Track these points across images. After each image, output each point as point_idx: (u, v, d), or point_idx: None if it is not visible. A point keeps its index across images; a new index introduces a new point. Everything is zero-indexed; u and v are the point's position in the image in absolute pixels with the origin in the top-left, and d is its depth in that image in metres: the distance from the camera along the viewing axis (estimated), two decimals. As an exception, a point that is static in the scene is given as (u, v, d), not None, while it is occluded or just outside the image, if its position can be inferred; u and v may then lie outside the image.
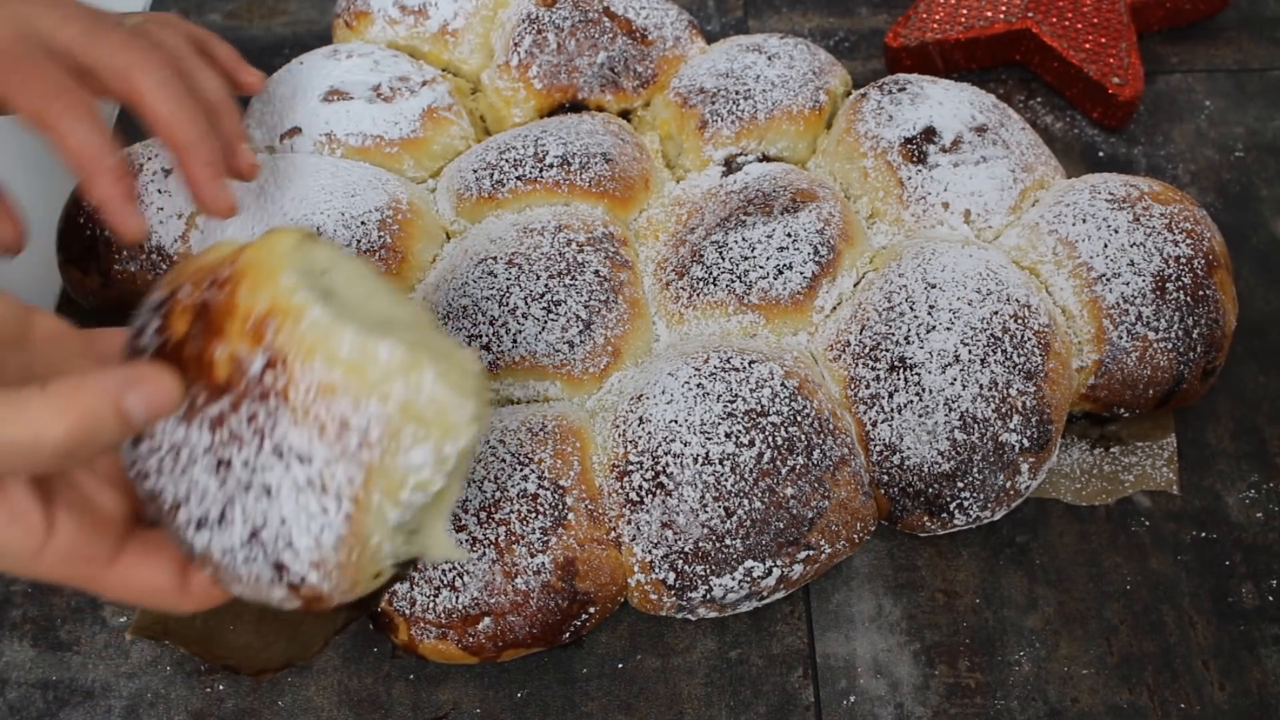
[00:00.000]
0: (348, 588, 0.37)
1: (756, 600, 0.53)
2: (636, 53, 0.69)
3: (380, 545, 0.36)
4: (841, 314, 0.58)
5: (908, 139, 0.62)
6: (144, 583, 0.38)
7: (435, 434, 0.35)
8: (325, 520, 0.35)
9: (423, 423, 0.35)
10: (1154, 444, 0.60)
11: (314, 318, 0.34)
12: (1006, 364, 0.54)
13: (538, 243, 0.58)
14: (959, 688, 0.53)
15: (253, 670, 0.54)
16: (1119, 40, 0.73)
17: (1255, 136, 0.73)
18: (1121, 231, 0.58)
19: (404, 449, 0.35)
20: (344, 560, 0.36)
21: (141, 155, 0.64)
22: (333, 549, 0.35)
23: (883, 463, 0.54)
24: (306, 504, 0.35)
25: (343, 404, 0.34)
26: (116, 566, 0.38)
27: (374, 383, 0.34)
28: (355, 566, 0.36)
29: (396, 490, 0.35)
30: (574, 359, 0.56)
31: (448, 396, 0.35)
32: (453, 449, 0.36)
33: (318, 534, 0.35)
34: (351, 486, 0.35)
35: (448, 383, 0.35)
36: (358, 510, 0.35)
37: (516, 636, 0.51)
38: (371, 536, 0.36)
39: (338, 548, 0.35)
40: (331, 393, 0.34)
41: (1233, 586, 0.56)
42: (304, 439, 0.34)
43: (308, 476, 0.34)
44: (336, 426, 0.34)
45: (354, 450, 0.34)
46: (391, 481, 0.35)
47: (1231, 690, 0.53)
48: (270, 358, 0.34)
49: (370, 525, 0.36)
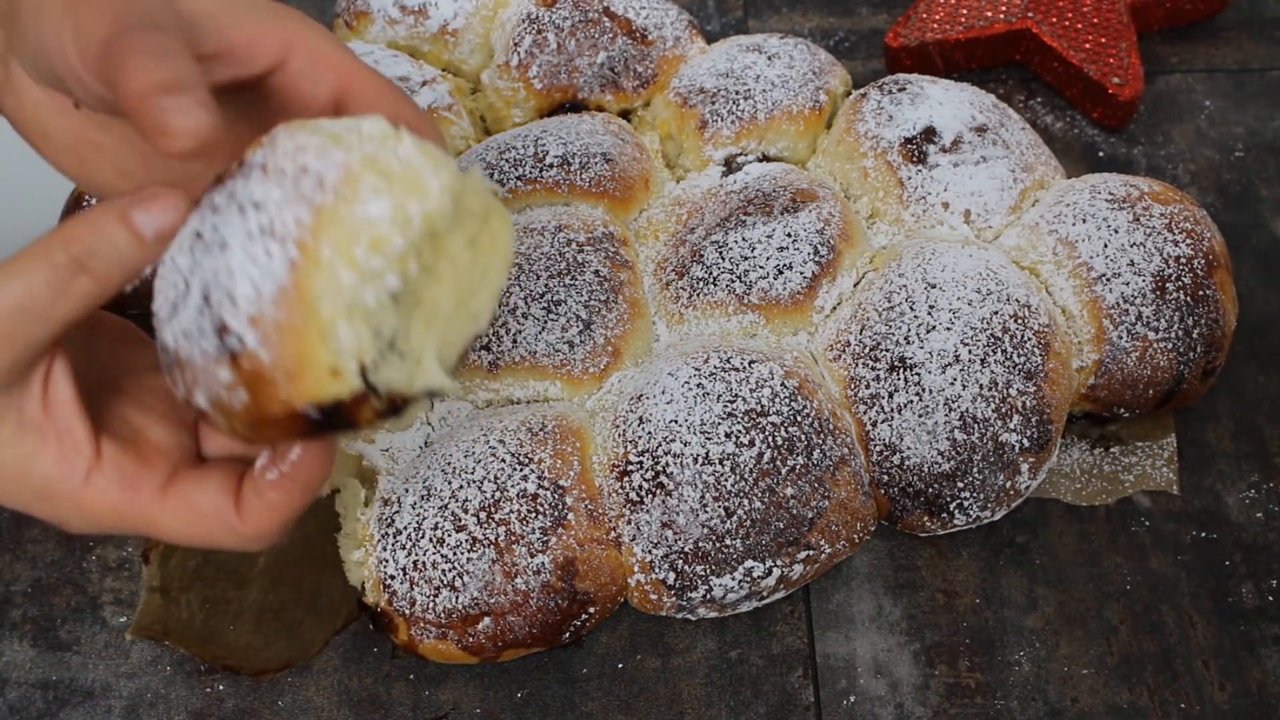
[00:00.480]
0: (292, 363, 0.32)
1: (756, 600, 0.53)
2: (636, 53, 0.69)
3: (334, 321, 0.32)
4: (841, 314, 0.58)
5: (908, 139, 0.62)
6: (195, 512, 0.38)
7: (399, 190, 0.32)
8: (269, 265, 0.32)
9: (387, 177, 0.32)
10: (1154, 444, 0.60)
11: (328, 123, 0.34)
12: (1006, 364, 0.54)
13: (538, 243, 0.58)
14: (959, 688, 0.53)
15: (253, 670, 0.54)
16: (1119, 40, 0.73)
17: (1255, 136, 0.73)
18: (1121, 231, 0.58)
19: (361, 198, 0.32)
20: (284, 320, 0.32)
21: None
22: (272, 301, 0.32)
23: (883, 463, 0.54)
24: (254, 252, 0.32)
25: (309, 154, 0.32)
26: (167, 499, 0.38)
27: (348, 143, 0.33)
28: (299, 334, 0.32)
29: (351, 245, 0.32)
30: (574, 359, 0.56)
31: (421, 160, 0.33)
32: (417, 209, 0.32)
33: (258, 282, 0.32)
34: (299, 229, 0.31)
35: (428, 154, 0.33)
36: (304, 259, 0.31)
37: (516, 636, 0.51)
38: (321, 300, 0.32)
39: (278, 301, 0.31)
40: (304, 150, 0.33)
41: (1233, 586, 0.56)
42: (265, 188, 0.32)
43: (259, 223, 0.32)
44: (295, 170, 0.32)
45: (308, 192, 0.32)
46: (345, 233, 0.32)
47: (1231, 690, 0.53)
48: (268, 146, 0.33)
49: (320, 286, 0.32)
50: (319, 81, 0.40)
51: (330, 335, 0.32)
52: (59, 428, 0.37)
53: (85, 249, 0.34)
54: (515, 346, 0.56)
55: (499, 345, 0.56)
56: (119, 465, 0.37)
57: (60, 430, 0.37)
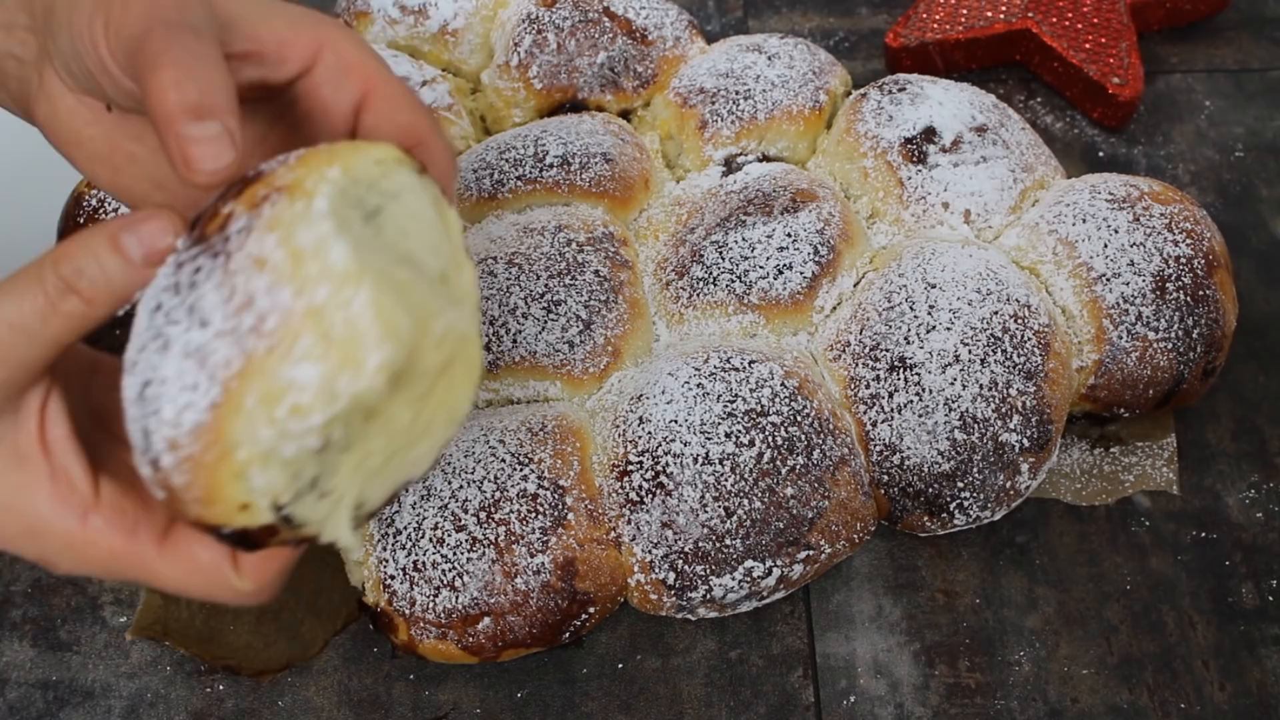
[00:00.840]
0: (201, 496, 0.32)
1: (756, 600, 0.53)
2: (636, 53, 0.69)
3: (248, 467, 0.32)
4: (841, 314, 0.58)
5: (908, 139, 0.62)
6: (194, 564, 0.37)
7: (333, 359, 0.31)
8: (192, 398, 0.31)
9: (326, 340, 0.31)
10: (1154, 444, 0.60)
11: (318, 208, 0.32)
12: (1006, 364, 0.54)
13: (538, 243, 0.58)
14: (959, 688, 0.53)
15: (253, 670, 0.54)
16: (1119, 40, 0.73)
17: (1255, 136, 0.73)
18: (1121, 231, 0.58)
19: (293, 357, 0.31)
20: (199, 456, 0.32)
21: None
22: (190, 434, 0.31)
23: (883, 463, 0.54)
24: (184, 372, 0.31)
25: (261, 281, 0.31)
26: (165, 548, 0.37)
27: (304, 276, 0.31)
28: (211, 474, 0.32)
29: (273, 403, 0.31)
30: (574, 359, 0.56)
31: (368, 325, 0.31)
32: (345, 387, 0.31)
33: (180, 410, 0.31)
34: (227, 370, 0.31)
35: (381, 315, 0.31)
36: (226, 402, 0.31)
37: (516, 636, 0.51)
38: (238, 448, 0.31)
39: (196, 435, 0.31)
40: (261, 267, 0.31)
41: (1233, 586, 0.56)
42: (212, 303, 0.31)
43: (197, 343, 0.31)
44: (242, 300, 0.31)
45: (244, 332, 0.31)
46: (269, 389, 0.31)
47: (1231, 690, 0.53)
48: (248, 224, 0.32)
49: (238, 432, 0.31)
50: (342, 88, 0.39)
51: (243, 477, 0.32)
52: (54, 464, 0.36)
53: (74, 269, 0.34)
54: (515, 346, 0.56)
55: (499, 345, 0.56)
56: (119, 508, 0.37)
57: (56, 467, 0.36)
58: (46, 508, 0.36)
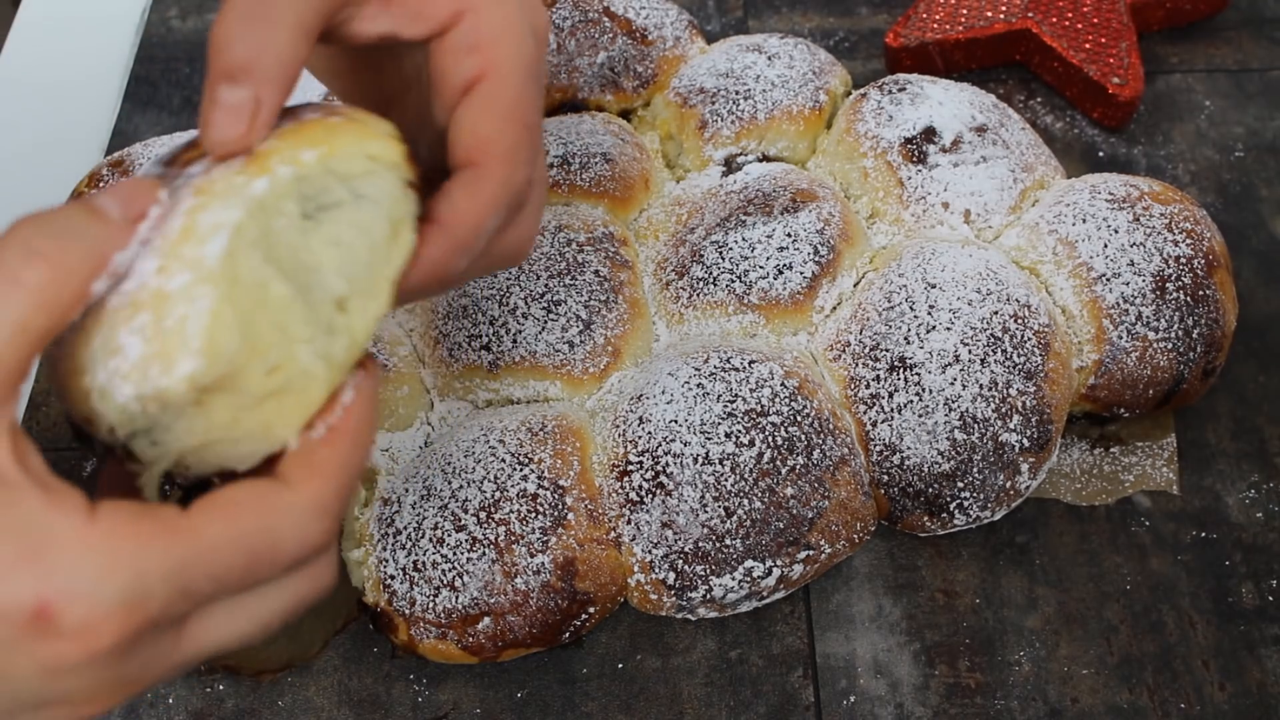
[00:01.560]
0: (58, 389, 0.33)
1: (756, 600, 0.53)
2: (636, 53, 0.69)
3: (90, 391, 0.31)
4: (841, 314, 0.58)
5: (908, 139, 0.62)
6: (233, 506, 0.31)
7: (154, 347, 0.30)
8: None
9: (157, 326, 0.30)
10: (1154, 444, 0.60)
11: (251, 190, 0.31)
12: (1006, 364, 0.54)
13: (537, 242, 0.58)
14: (959, 688, 0.53)
15: (253, 670, 0.54)
16: (1119, 40, 0.73)
17: (1255, 136, 0.73)
18: (1121, 231, 0.58)
19: (129, 326, 0.30)
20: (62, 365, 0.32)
21: (141, 155, 0.64)
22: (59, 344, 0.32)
23: (883, 463, 0.54)
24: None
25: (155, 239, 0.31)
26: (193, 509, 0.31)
27: (177, 255, 0.30)
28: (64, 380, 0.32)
29: (107, 354, 0.31)
30: (574, 359, 0.56)
31: (194, 334, 0.30)
32: (154, 378, 0.30)
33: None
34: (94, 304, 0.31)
35: (212, 328, 0.30)
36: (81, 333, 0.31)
37: (516, 636, 0.51)
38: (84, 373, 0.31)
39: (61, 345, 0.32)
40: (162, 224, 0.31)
41: (1233, 586, 0.56)
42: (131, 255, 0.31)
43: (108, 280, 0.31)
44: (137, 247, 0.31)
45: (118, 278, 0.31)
46: (107, 341, 0.31)
47: (1231, 690, 0.53)
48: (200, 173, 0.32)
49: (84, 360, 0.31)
50: (462, 64, 0.36)
51: (88, 396, 0.31)
52: (38, 479, 0.29)
53: (37, 229, 0.29)
54: (515, 346, 0.56)
55: (499, 345, 0.56)
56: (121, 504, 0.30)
57: (42, 479, 0.29)
58: (43, 515, 0.28)
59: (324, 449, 0.32)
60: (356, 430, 0.33)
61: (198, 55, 0.78)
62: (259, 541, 0.30)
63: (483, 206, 0.36)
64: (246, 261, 0.32)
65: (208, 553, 0.30)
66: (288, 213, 0.33)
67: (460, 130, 0.37)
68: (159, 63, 0.78)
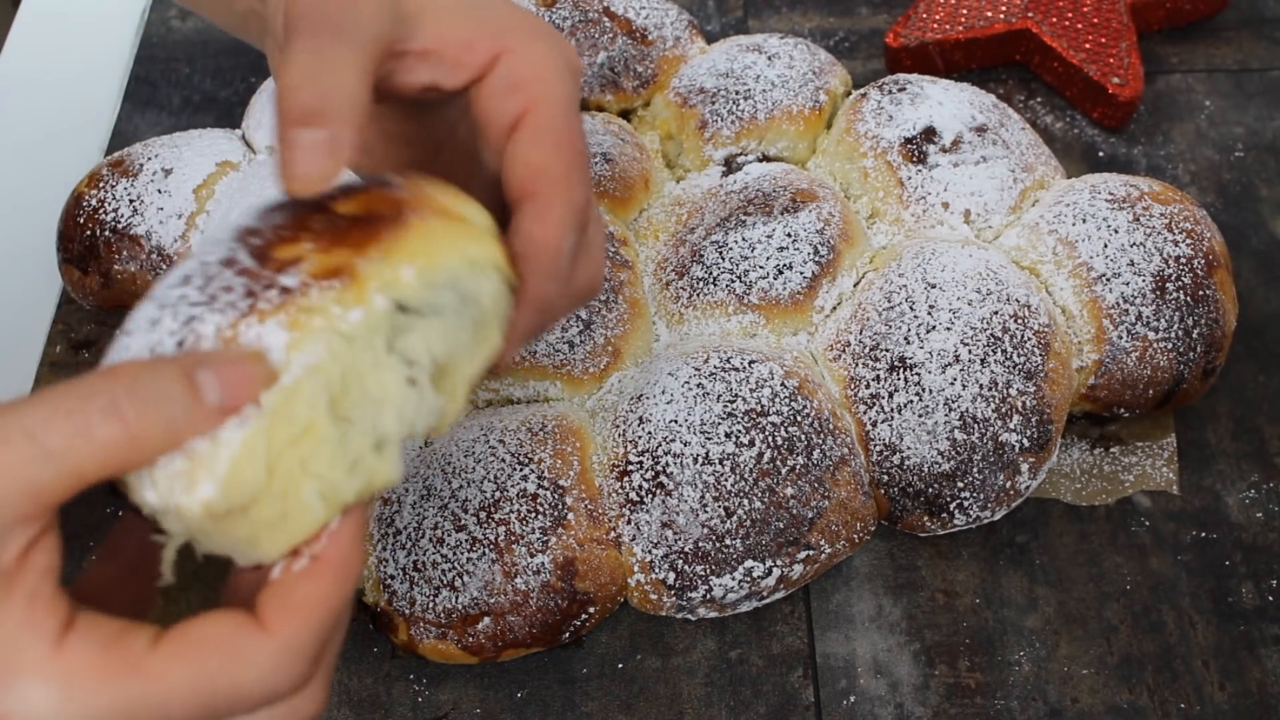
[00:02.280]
0: None
1: (756, 600, 0.53)
2: (636, 53, 0.69)
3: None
4: (841, 314, 0.58)
5: (908, 139, 0.62)
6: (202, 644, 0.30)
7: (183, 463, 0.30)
8: None
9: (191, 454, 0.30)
10: (1154, 444, 0.60)
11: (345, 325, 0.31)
12: (1006, 364, 0.54)
13: (538, 243, 0.58)
14: (959, 688, 0.53)
15: (253, 670, 0.54)
16: (1119, 40, 0.73)
17: (1255, 136, 0.73)
18: (1121, 231, 0.58)
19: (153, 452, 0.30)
20: None
21: (141, 155, 0.64)
22: None
23: (883, 463, 0.54)
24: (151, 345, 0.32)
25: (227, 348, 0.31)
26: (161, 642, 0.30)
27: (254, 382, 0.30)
28: None
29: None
30: (574, 359, 0.56)
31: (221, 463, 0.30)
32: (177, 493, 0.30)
33: None
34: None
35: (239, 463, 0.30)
36: None
37: (516, 636, 0.51)
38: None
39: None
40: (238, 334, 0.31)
41: (1233, 586, 0.56)
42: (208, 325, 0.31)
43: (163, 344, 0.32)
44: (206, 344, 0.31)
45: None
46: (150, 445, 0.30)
47: (1231, 690, 0.53)
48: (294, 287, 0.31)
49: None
50: (506, 103, 0.37)
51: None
52: (29, 588, 0.29)
53: (128, 387, 0.28)
54: (515, 346, 0.56)
55: (499, 345, 0.56)
56: (96, 623, 0.29)
57: (31, 590, 0.29)
58: (16, 633, 0.28)
59: (304, 584, 0.31)
60: (341, 563, 0.32)
61: (198, 55, 0.79)
62: (220, 685, 0.30)
63: (554, 227, 0.37)
64: (307, 401, 0.31)
65: (163, 694, 0.29)
66: (375, 347, 0.32)
67: (514, 164, 0.37)
68: (159, 63, 0.78)
